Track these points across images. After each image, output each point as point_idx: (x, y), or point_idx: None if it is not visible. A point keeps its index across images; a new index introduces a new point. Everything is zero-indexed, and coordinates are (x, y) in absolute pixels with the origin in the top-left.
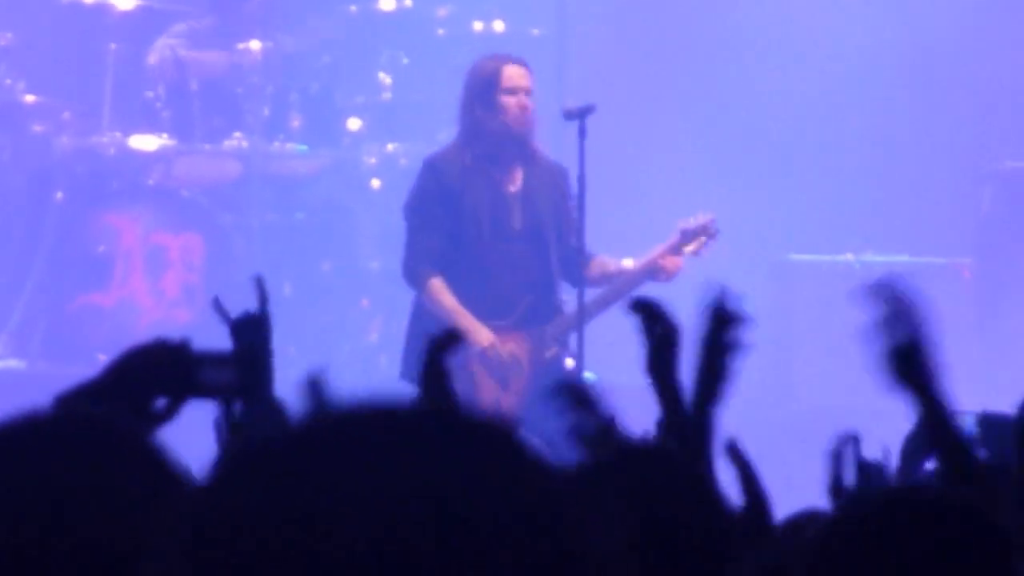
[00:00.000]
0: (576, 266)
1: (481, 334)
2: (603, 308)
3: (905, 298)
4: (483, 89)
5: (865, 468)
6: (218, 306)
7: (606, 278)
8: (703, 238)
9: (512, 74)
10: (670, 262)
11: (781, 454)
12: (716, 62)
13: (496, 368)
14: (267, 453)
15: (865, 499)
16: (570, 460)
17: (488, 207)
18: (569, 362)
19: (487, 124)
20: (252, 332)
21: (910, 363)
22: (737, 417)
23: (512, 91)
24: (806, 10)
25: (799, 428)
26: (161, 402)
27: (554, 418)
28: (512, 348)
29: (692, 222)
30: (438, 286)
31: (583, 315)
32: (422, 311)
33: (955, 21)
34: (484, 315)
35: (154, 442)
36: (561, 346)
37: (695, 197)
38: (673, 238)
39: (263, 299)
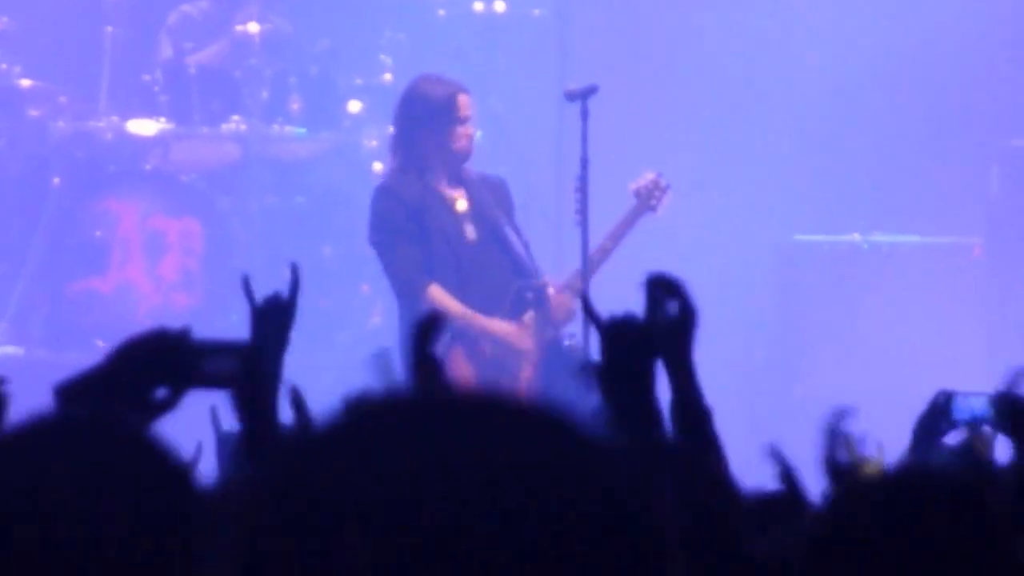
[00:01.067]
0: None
1: (501, 328)
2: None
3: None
4: (435, 117)
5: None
6: (247, 288)
7: None
8: (658, 193)
9: (464, 103)
10: (561, 309)
11: (786, 435)
12: (718, 41)
13: (503, 360)
14: (314, 446)
15: (858, 488)
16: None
17: (449, 223)
18: (568, 343)
19: (436, 151)
20: (275, 320)
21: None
22: (742, 398)
23: (464, 121)
24: None
25: (805, 409)
26: (161, 392)
27: (567, 399)
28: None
29: (641, 182)
30: (438, 293)
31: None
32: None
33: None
34: (480, 313)
35: (158, 441)
36: (560, 326)
37: (699, 178)
38: (632, 203)
39: (295, 287)
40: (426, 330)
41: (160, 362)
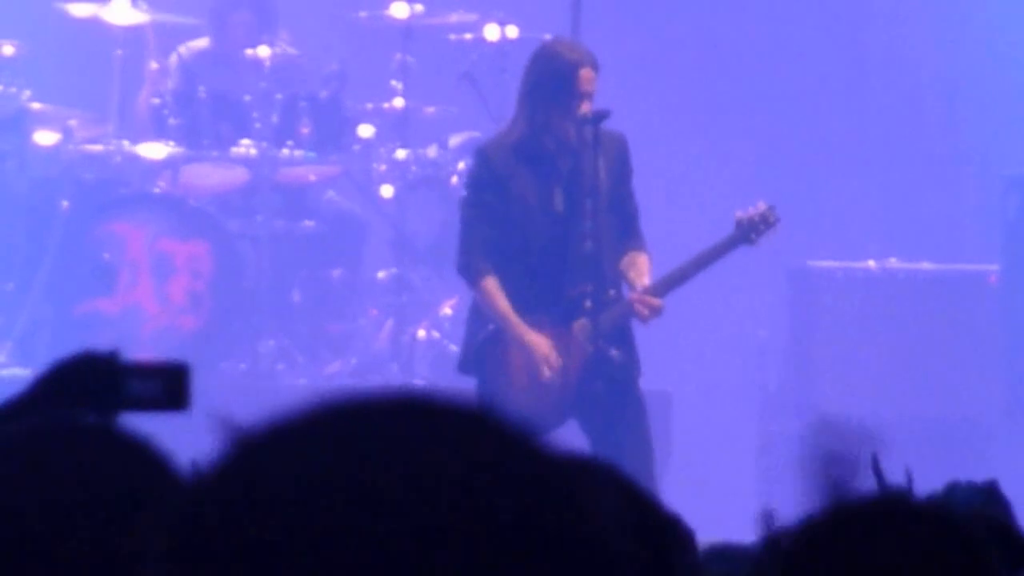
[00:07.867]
0: (624, 244)
1: (535, 341)
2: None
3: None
4: (555, 88)
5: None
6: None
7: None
8: (763, 227)
9: (587, 78)
10: (646, 307)
11: (799, 461)
12: (732, 66)
13: (541, 368)
14: (257, 448)
15: (828, 512)
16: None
17: (539, 196)
18: (616, 356)
19: (551, 122)
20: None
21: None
22: (755, 424)
23: (584, 96)
24: (827, 13)
25: (817, 436)
26: (89, 416)
27: (600, 414)
28: (559, 343)
29: (750, 211)
30: (491, 287)
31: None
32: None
33: (981, 26)
34: (534, 307)
35: (159, 451)
36: (609, 340)
37: (712, 203)
38: (730, 231)
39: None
40: None
41: (87, 385)
